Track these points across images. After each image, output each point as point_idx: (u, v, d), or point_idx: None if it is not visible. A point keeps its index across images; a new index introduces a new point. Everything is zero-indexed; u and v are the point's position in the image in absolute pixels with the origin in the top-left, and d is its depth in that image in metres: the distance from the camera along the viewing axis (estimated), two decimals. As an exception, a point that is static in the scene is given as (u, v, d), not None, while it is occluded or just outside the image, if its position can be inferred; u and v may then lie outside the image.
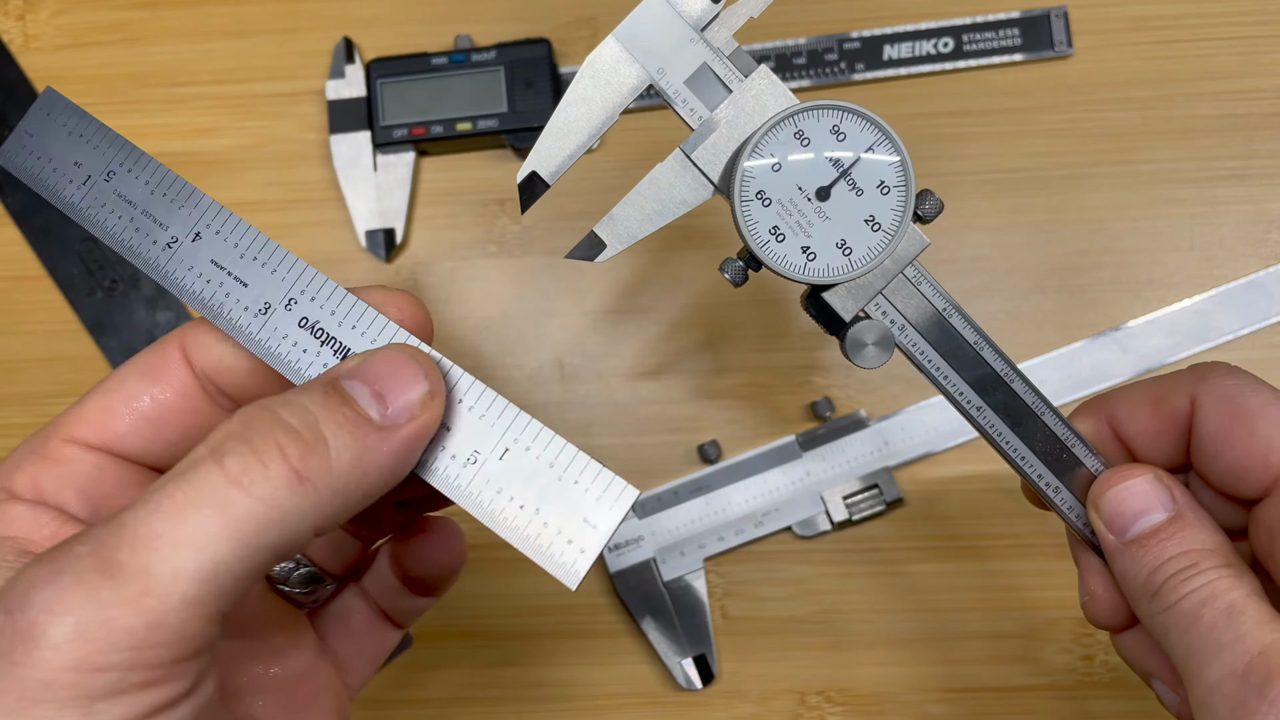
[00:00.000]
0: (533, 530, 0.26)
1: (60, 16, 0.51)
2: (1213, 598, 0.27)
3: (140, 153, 0.28)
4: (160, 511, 0.22)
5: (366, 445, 0.24)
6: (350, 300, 0.27)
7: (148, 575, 0.21)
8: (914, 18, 0.48)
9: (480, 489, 0.26)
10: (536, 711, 0.47)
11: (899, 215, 0.30)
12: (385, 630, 0.33)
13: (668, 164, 0.30)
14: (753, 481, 0.46)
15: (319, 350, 0.27)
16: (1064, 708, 0.45)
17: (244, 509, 0.22)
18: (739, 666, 0.47)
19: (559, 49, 0.49)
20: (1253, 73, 0.48)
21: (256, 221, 0.49)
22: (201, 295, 0.28)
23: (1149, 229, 0.47)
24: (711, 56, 0.30)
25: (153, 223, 0.28)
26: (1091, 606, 0.31)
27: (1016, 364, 0.31)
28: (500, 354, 0.49)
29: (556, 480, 0.26)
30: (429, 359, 0.26)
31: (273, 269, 0.28)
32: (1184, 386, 0.30)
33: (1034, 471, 0.31)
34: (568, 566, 0.26)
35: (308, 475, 0.23)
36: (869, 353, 0.30)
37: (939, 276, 0.47)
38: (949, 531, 0.47)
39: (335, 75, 0.49)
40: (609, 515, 0.26)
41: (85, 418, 0.27)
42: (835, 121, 0.29)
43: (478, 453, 0.26)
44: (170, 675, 0.21)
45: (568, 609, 0.47)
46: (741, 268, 0.31)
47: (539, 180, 0.30)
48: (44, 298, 0.50)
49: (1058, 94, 0.48)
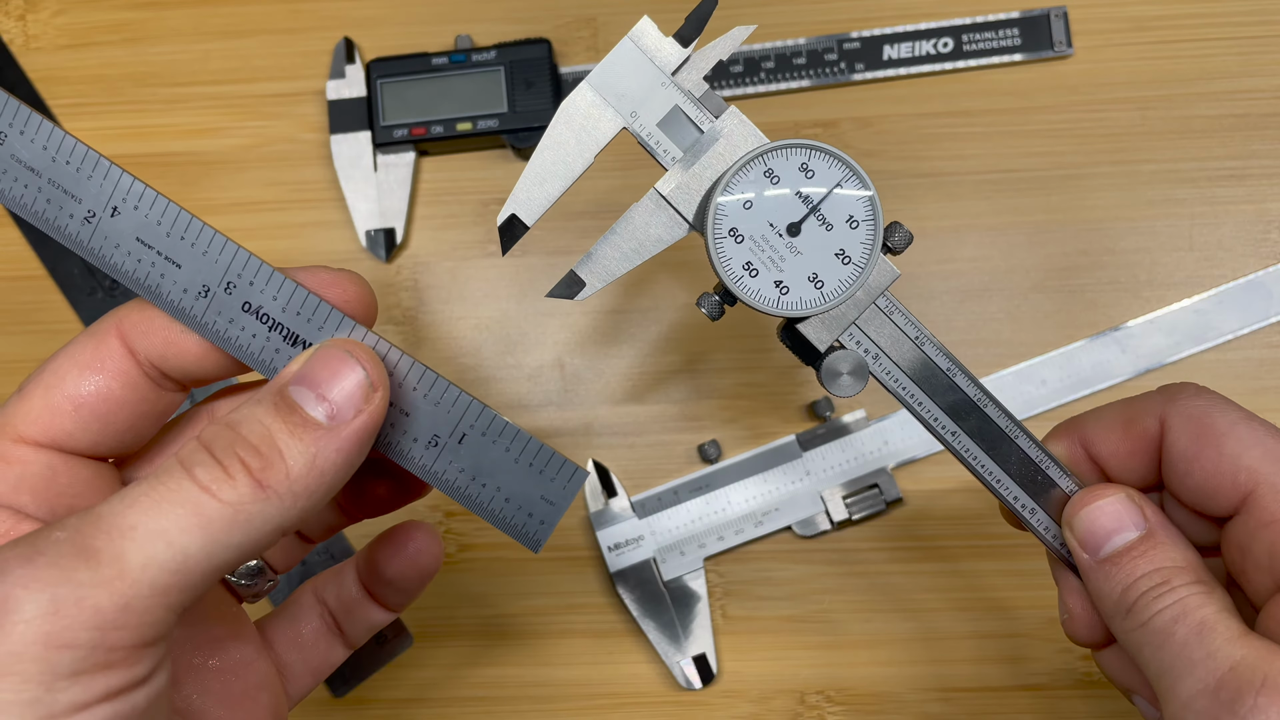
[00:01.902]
0: (496, 505, 0.28)
1: (61, 16, 0.51)
2: (1184, 615, 0.27)
3: (28, 110, 0.27)
4: (135, 506, 0.23)
5: (319, 448, 0.25)
6: (290, 286, 0.27)
7: (121, 561, 0.22)
8: (914, 18, 0.48)
9: (444, 469, 0.28)
10: (536, 711, 0.47)
11: (868, 248, 0.31)
12: (334, 644, 0.34)
13: (643, 204, 0.31)
14: (753, 481, 0.46)
15: (268, 335, 0.27)
16: (1063, 707, 0.45)
17: (214, 510, 0.24)
18: (739, 666, 0.47)
19: (559, 49, 0.49)
20: (1253, 73, 0.48)
21: (257, 221, 0.49)
22: (135, 275, 0.27)
23: (1149, 229, 0.47)
24: (683, 99, 0.31)
25: (63, 193, 0.27)
26: (1071, 624, 0.32)
27: (1015, 365, 0.31)
28: (500, 354, 0.49)
29: (513, 463, 0.28)
30: (367, 351, 0.27)
31: (203, 250, 0.27)
32: (1153, 408, 0.30)
33: (1010, 494, 0.32)
34: (530, 536, 0.28)
35: (268, 484, 0.24)
36: (844, 381, 0.31)
37: (939, 276, 0.48)
38: (949, 531, 0.47)
39: (335, 75, 0.49)
40: (564, 494, 0.28)
41: (31, 417, 0.28)
42: (804, 159, 0.30)
43: (438, 436, 0.28)
44: (130, 659, 0.22)
45: (568, 609, 0.47)
46: (717, 302, 0.32)
47: (518, 223, 0.31)
48: (44, 297, 0.50)
49: (1057, 94, 0.48)
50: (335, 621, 0.34)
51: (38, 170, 0.27)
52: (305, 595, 0.34)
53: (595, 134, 0.31)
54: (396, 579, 0.33)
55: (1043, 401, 0.46)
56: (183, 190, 0.49)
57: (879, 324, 0.31)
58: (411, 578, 0.33)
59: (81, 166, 0.27)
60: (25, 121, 0.27)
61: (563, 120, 0.31)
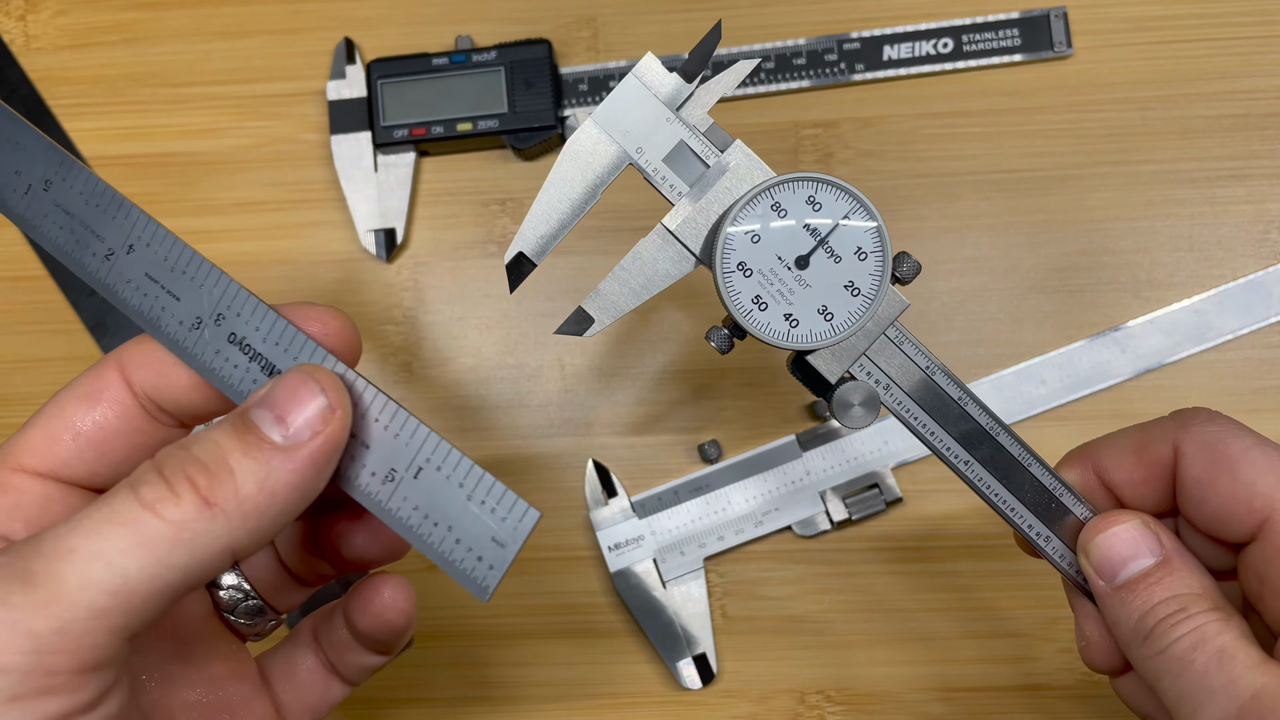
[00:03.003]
0: (446, 547, 0.27)
1: (61, 17, 0.51)
2: (1203, 642, 0.27)
3: (73, 162, 0.29)
4: (77, 529, 0.23)
5: (271, 467, 0.25)
6: (273, 317, 0.28)
7: (58, 583, 0.22)
8: (914, 18, 0.48)
9: (399, 505, 0.27)
10: (537, 711, 0.47)
11: (877, 279, 0.31)
12: (331, 684, 0.33)
13: (650, 239, 0.31)
14: (753, 481, 0.46)
15: (248, 366, 0.28)
16: (1064, 707, 0.45)
17: (155, 530, 0.23)
18: (739, 666, 0.47)
19: (559, 49, 0.49)
20: (1252, 73, 0.48)
21: (257, 221, 0.49)
22: (140, 309, 0.28)
23: (1149, 229, 0.47)
24: (688, 134, 0.31)
25: (90, 234, 0.29)
26: (1088, 652, 0.32)
27: (1015, 365, 0.31)
28: (500, 354, 0.49)
29: (466, 500, 0.27)
30: (329, 376, 0.27)
31: (200, 283, 0.28)
32: (1166, 434, 0.30)
33: (1024, 522, 0.32)
34: (478, 582, 0.27)
35: (215, 501, 0.24)
36: (855, 413, 0.31)
37: (939, 276, 0.48)
38: (949, 531, 0.47)
39: (336, 76, 0.49)
40: (514, 535, 0.27)
41: (30, 446, 0.28)
42: (810, 192, 0.30)
43: (394, 470, 0.27)
44: (70, 685, 0.22)
45: (568, 609, 0.47)
46: (726, 335, 0.32)
47: (526, 261, 0.32)
48: (45, 297, 0.50)
49: (1057, 94, 0.48)
50: (330, 661, 0.33)
51: (73, 213, 0.29)
52: (303, 633, 0.33)
53: (601, 171, 0.31)
54: (368, 632, 0.32)
55: (1043, 401, 0.46)
56: (183, 190, 0.49)
57: (889, 354, 0.31)
58: (380, 632, 0.32)
59: (108, 209, 0.28)
60: (69, 170, 0.29)
61: (568, 157, 0.31)
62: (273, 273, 0.49)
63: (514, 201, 0.49)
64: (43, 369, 0.50)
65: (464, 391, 0.49)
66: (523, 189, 0.49)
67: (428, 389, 0.49)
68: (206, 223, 0.49)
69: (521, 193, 0.49)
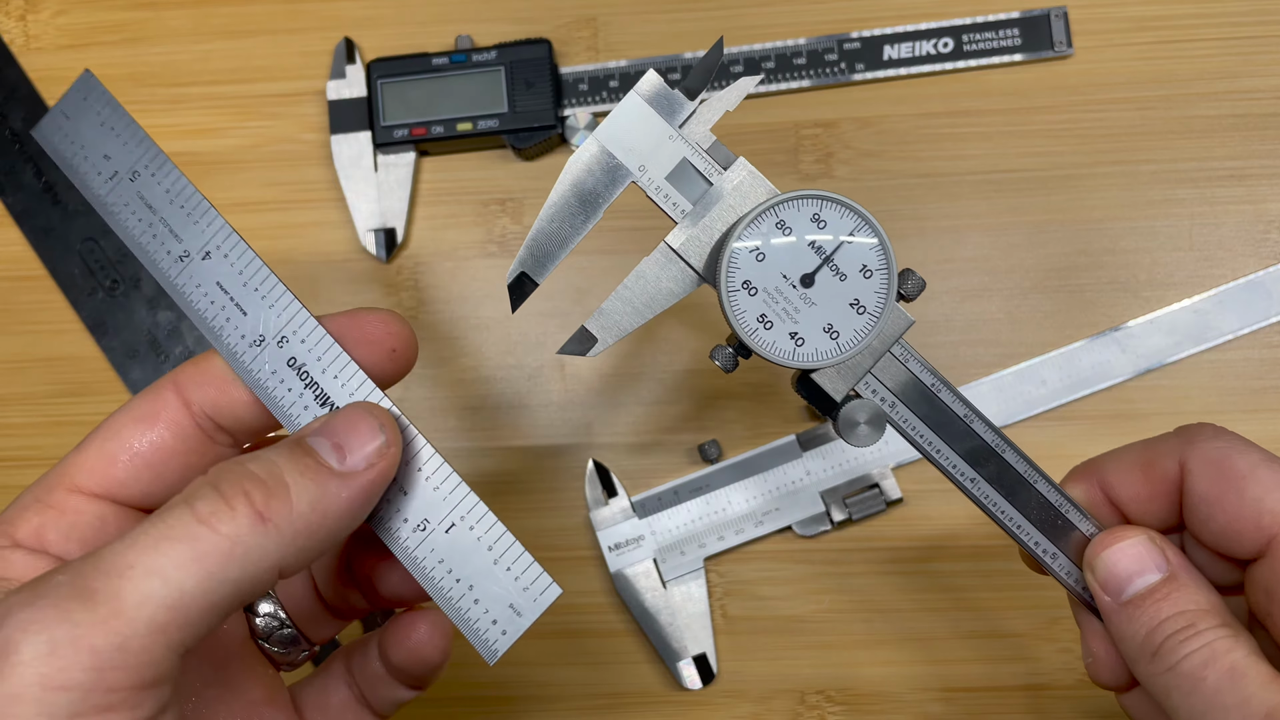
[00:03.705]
0: (464, 604, 0.28)
1: (61, 17, 0.51)
2: (1213, 659, 0.27)
3: (165, 158, 0.29)
4: (135, 546, 0.23)
5: (326, 490, 0.25)
6: (336, 350, 0.28)
7: (118, 600, 0.22)
8: (914, 18, 0.48)
9: (425, 555, 0.28)
10: (536, 711, 0.47)
11: (883, 297, 0.30)
12: (362, 715, 0.33)
13: (654, 257, 0.31)
14: (753, 481, 0.46)
15: (302, 392, 0.28)
16: (1064, 707, 0.45)
17: (210, 544, 0.23)
18: (739, 666, 0.47)
19: (559, 49, 0.49)
20: (1252, 73, 0.48)
21: (258, 221, 0.49)
22: (205, 315, 0.28)
23: (1149, 229, 0.47)
24: (690, 152, 0.31)
25: (169, 232, 0.29)
26: (1095, 667, 0.32)
27: (1015, 365, 0.31)
28: (500, 354, 0.49)
29: (492, 564, 0.28)
30: (386, 414, 0.28)
31: (271, 303, 0.28)
32: (1172, 450, 0.30)
33: (1030, 539, 0.31)
34: (489, 644, 0.28)
35: (270, 516, 0.24)
36: (861, 431, 0.31)
37: (939, 276, 0.48)
38: (949, 531, 0.47)
39: (336, 75, 0.49)
40: (532, 607, 0.28)
41: (86, 466, 0.28)
42: (815, 210, 0.30)
43: (427, 521, 0.28)
44: (130, 701, 0.22)
45: (568, 609, 0.47)
46: (731, 354, 0.32)
47: (528, 280, 0.32)
48: (45, 298, 0.50)
49: (1057, 94, 0.48)
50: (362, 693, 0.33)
51: (155, 209, 0.29)
52: (335, 664, 0.33)
53: (602, 190, 0.31)
54: (402, 666, 0.32)
55: (1043, 401, 0.46)
56: (183, 190, 0.49)
57: (894, 371, 0.31)
58: (415, 666, 0.32)
59: (193, 212, 0.29)
60: (159, 166, 0.29)
61: (570, 176, 0.31)
62: (273, 273, 0.49)
63: (514, 201, 0.49)
64: (44, 369, 0.50)
65: (464, 391, 0.49)
66: (523, 189, 0.49)
67: (428, 389, 0.49)
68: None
69: (521, 193, 0.49)
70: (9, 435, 0.49)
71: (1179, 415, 0.46)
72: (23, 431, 0.49)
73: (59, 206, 0.50)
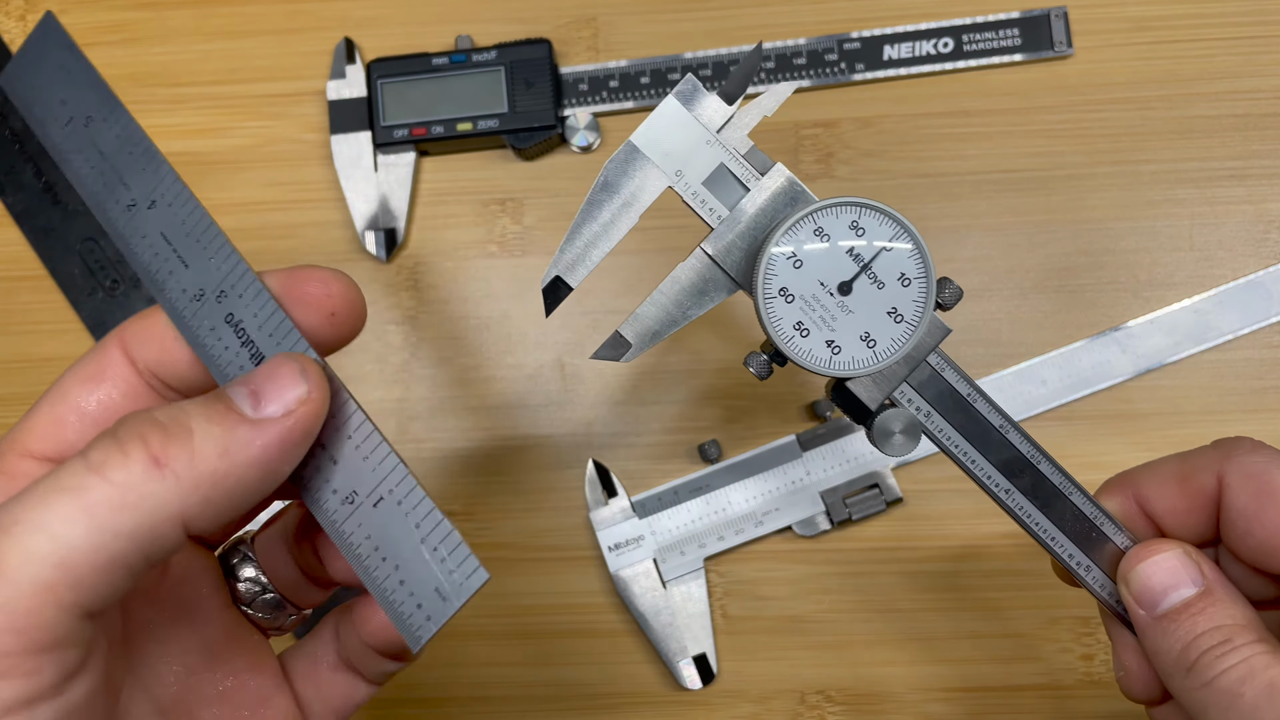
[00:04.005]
0: (389, 585, 0.26)
1: (61, 17, 0.51)
2: (1251, 675, 0.27)
3: (117, 102, 0.28)
4: (23, 501, 0.22)
5: (235, 436, 0.24)
6: (272, 307, 0.27)
7: (1, 559, 0.21)
8: (914, 18, 0.48)
9: (352, 530, 0.26)
10: (536, 711, 0.47)
11: (921, 306, 0.30)
12: (354, 683, 0.32)
13: (689, 263, 0.31)
14: (753, 481, 0.46)
15: (238, 350, 0.27)
16: (1064, 707, 0.45)
17: (100, 494, 0.22)
18: (739, 666, 0.47)
19: (559, 49, 0.49)
20: (1253, 73, 0.48)
21: (257, 221, 0.49)
22: (149, 266, 0.28)
23: (1149, 229, 0.47)
24: (728, 157, 0.31)
25: (118, 180, 0.28)
26: (1127, 681, 0.31)
27: (1015, 365, 0.31)
28: (500, 354, 0.49)
29: (419, 543, 0.26)
30: (311, 363, 0.26)
31: (210, 255, 0.28)
32: (1210, 464, 0.30)
33: (1064, 551, 0.31)
34: (413, 630, 0.26)
35: (166, 461, 0.23)
36: (897, 441, 0.31)
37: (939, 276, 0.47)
38: (949, 531, 0.47)
39: (336, 75, 0.49)
40: (458, 592, 0.26)
41: (37, 430, 0.27)
42: (854, 217, 0.30)
43: (355, 493, 0.26)
44: (23, 667, 0.21)
45: (567, 609, 0.47)
46: (766, 362, 0.31)
47: (563, 285, 0.31)
48: (45, 297, 0.50)
49: (1058, 94, 0.48)
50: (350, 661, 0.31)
51: (106, 155, 0.28)
52: (325, 629, 0.32)
53: (640, 193, 0.31)
54: (372, 646, 0.30)
55: (1043, 401, 0.46)
56: (183, 190, 0.49)
57: (930, 380, 0.31)
58: (384, 647, 0.30)
59: (140, 159, 0.28)
60: (111, 111, 0.28)
61: (606, 179, 0.31)
62: (273, 273, 0.49)
63: (514, 201, 0.49)
64: (43, 369, 0.50)
65: (464, 391, 0.49)
66: (523, 189, 0.49)
67: (428, 389, 0.49)
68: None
69: (521, 193, 0.49)
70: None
71: (1179, 415, 0.46)
72: (23, 431, 0.49)
73: (59, 206, 0.50)
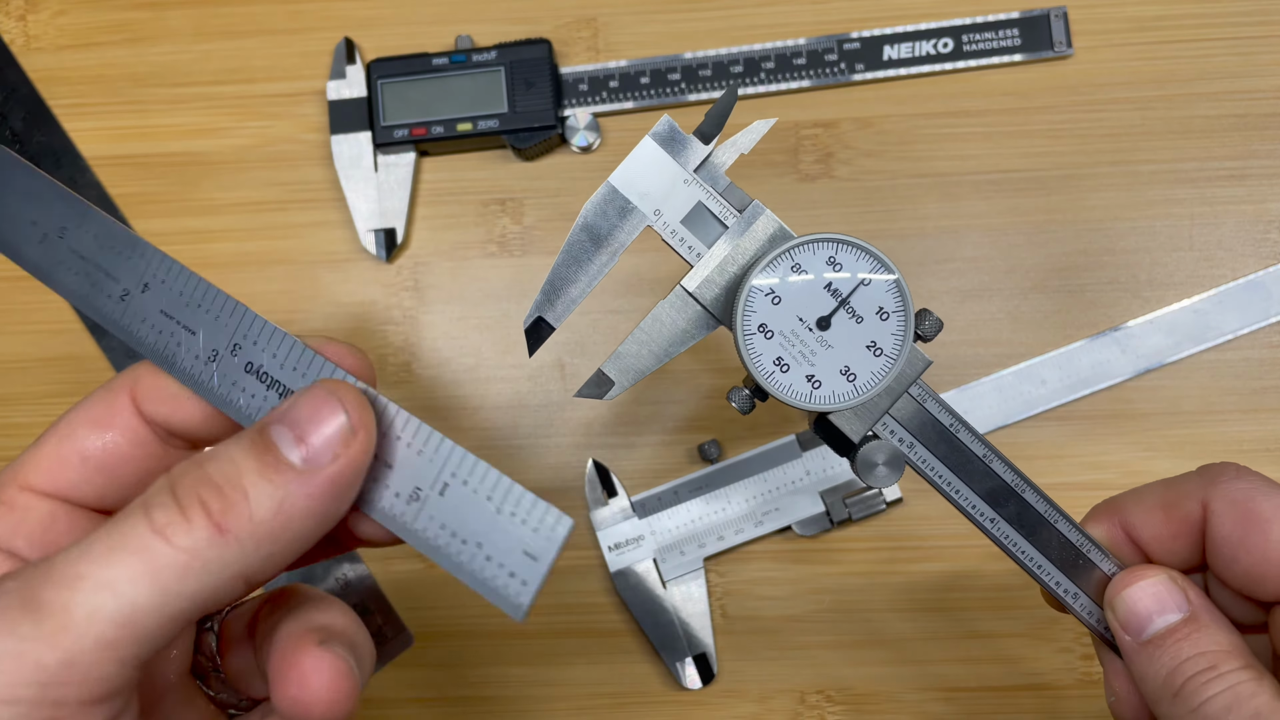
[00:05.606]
0: (477, 565, 0.26)
1: (61, 17, 0.51)
2: (1237, 702, 0.27)
3: (85, 205, 0.29)
4: (87, 556, 0.22)
5: (287, 492, 0.24)
6: (290, 341, 0.27)
7: (66, 613, 0.22)
8: (914, 18, 0.48)
9: (425, 525, 0.26)
10: (536, 711, 0.47)
11: (900, 339, 0.30)
12: None
13: (669, 301, 0.31)
14: (753, 481, 0.46)
15: (265, 394, 0.27)
16: (1064, 707, 0.45)
17: (166, 557, 0.22)
18: (739, 666, 0.47)
19: (559, 49, 0.49)
20: (1252, 73, 0.48)
21: (257, 221, 0.49)
22: (155, 346, 0.28)
23: (1148, 229, 0.47)
24: (706, 195, 0.31)
25: (105, 276, 0.28)
26: (1118, 706, 0.31)
27: (1015, 365, 0.31)
28: (500, 354, 0.49)
29: (495, 513, 0.26)
30: (353, 392, 0.26)
31: (215, 314, 0.28)
32: (1195, 491, 0.30)
33: (1051, 579, 0.31)
34: (512, 600, 0.26)
35: (228, 527, 0.23)
36: (880, 473, 0.31)
37: (938, 277, 0.48)
38: (949, 530, 0.47)
39: (336, 75, 0.49)
40: (547, 548, 0.26)
41: (41, 466, 0.28)
42: (831, 253, 0.30)
43: (419, 489, 0.26)
44: (77, 715, 0.22)
45: (568, 608, 0.47)
46: (748, 396, 0.31)
47: (545, 325, 0.32)
48: (45, 298, 0.50)
49: (1057, 94, 0.48)
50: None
51: (87, 258, 0.28)
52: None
53: (618, 234, 0.31)
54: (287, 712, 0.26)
55: (1043, 401, 0.46)
56: (183, 190, 0.49)
57: (912, 411, 0.31)
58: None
59: (122, 250, 0.28)
60: (84, 216, 0.29)
61: (586, 220, 0.31)
62: (273, 273, 0.49)
63: (514, 201, 0.49)
64: (44, 369, 0.50)
65: (464, 391, 0.49)
66: (523, 189, 0.49)
67: (428, 389, 0.49)
68: (207, 223, 0.49)
69: (521, 193, 0.49)
70: (10, 435, 0.49)
71: (1179, 415, 0.46)
72: (23, 431, 0.49)
73: (59, 206, 0.50)
